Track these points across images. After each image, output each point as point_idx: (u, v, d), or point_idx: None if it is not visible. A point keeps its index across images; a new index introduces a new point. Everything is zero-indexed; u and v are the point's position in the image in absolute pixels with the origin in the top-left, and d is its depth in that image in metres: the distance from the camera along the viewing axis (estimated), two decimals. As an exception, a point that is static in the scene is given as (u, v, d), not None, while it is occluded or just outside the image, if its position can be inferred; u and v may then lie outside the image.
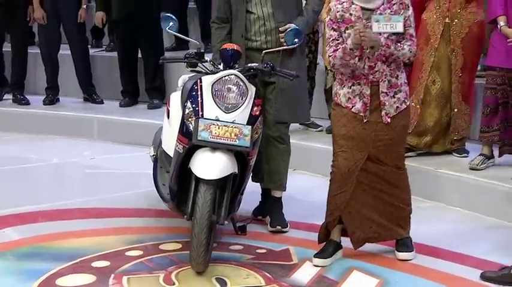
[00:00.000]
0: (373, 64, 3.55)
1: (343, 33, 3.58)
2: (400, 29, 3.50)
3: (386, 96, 3.59)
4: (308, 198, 4.90)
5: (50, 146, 6.32)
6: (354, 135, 3.62)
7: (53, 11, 6.72)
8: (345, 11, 3.59)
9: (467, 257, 3.82)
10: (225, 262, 3.78)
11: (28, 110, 6.95)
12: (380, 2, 3.55)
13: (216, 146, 3.55)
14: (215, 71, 3.80)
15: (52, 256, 3.86)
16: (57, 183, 5.37)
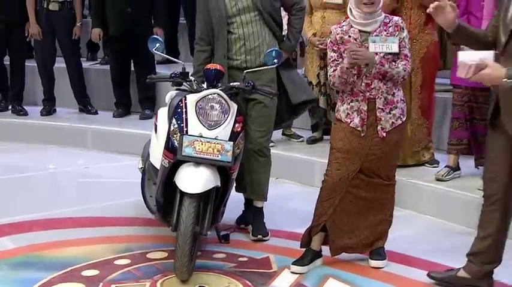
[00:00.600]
0: (370, 82, 3.56)
1: (343, 54, 3.58)
2: (396, 50, 3.53)
3: (383, 112, 3.59)
4: (289, 206, 4.88)
5: (46, 156, 6.26)
6: (350, 149, 3.62)
7: (48, 27, 6.65)
8: (344, 33, 3.60)
9: (437, 265, 3.78)
10: (209, 270, 3.74)
11: (26, 120, 6.89)
12: (377, 25, 3.57)
13: (200, 161, 3.53)
14: (199, 90, 3.76)
15: (45, 265, 3.80)
16: (52, 192, 5.30)
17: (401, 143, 3.91)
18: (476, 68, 2.88)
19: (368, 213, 3.76)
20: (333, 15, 5.21)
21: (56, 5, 6.59)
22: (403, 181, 4.66)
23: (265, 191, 4.26)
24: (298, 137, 5.78)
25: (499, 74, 2.88)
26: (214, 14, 4.07)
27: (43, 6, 6.60)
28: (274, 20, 4.17)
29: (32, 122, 6.83)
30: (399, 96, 3.64)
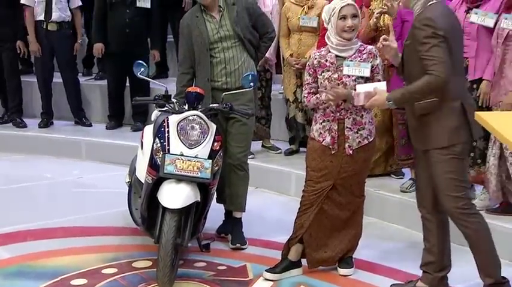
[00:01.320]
0: (340, 102, 3.57)
1: (319, 76, 3.61)
2: (367, 74, 3.54)
3: (350, 131, 3.60)
4: (266, 215, 4.85)
5: (43, 166, 6.15)
6: (323, 167, 3.63)
7: (47, 45, 6.57)
8: (322, 57, 3.62)
9: (399, 272, 3.78)
10: (189, 278, 3.72)
11: (25, 133, 6.80)
12: (352, 52, 3.58)
13: (181, 178, 3.53)
14: (180, 111, 3.74)
15: (37, 275, 3.75)
16: (46, 202, 5.21)
17: (370, 161, 3.90)
18: (367, 96, 3.18)
19: (342, 228, 3.77)
20: (308, 37, 5.18)
21: (54, 25, 6.50)
22: (371, 192, 4.64)
23: (243, 203, 4.24)
24: (277, 149, 5.75)
25: (384, 99, 3.12)
26: (196, 40, 4.04)
27: (42, 26, 6.51)
28: (252, 45, 4.15)
29: (31, 134, 6.75)
30: (367, 119, 3.64)
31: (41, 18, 6.47)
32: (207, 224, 4.16)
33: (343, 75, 3.53)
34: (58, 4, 6.44)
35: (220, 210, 4.34)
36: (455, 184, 3.19)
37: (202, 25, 4.03)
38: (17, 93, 6.91)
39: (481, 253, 3.24)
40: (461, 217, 3.21)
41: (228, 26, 4.04)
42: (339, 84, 3.54)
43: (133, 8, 6.25)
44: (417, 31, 3.09)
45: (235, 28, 4.03)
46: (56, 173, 5.91)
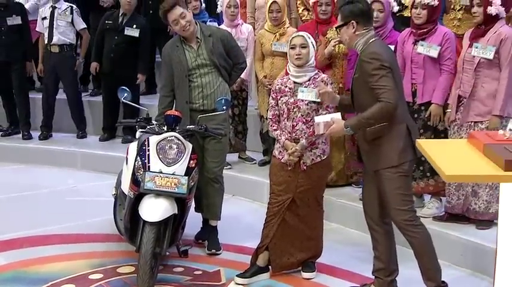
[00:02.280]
0: (295, 124, 3.60)
1: (279, 100, 3.64)
2: (317, 99, 3.55)
3: (305, 149, 3.59)
4: (241, 222, 4.81)
5: (41, 175, 6.07)
6: (282, 181, 3.66)
7: (51, 66, 6.54)
8: (283, 84, 3.65)
9: (356, 275, 3.77)
10: (168, 283, 3.68)
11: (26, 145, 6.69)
12: (306, 78, 3.61)
13: (159, 193, 3.51)
14: (160, 132, 3.72)
15: (30, 281, 3.70)
16: (43, 210, 5.08)
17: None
18: (325, 126, 3.22)
19: (303, 238, 3.76)
20: (280, 61, 5.14)
21: (56, 47, 6.46)
22: (334, 200, 4.66)
23: (218, 212, 4.21)
24: (252, 160, 5.71)
25: (341, 126, 3.17)
26: (177, 67, 4.01)
27: (47, 48, 6.50)
28: (227, 71, 4.13)
29: (31, 146, 6.65)
30: (320, 139, 3.63)
31: (46, 42, 6.47)
32: (187, 231, 4.14)
33: (297, 99, 3.56)
34: (58, 29, 6.40)
35: (198, 218, 4.31)
36: (403, 198, 3.21)
37: (182, 54, 4.00)
38: (24, 109, 6.81)
39: (424, 260, 3.24)
40: (408, 228, 3.22)
41: (205, 55, 4.01)
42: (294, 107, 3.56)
43: (121, 35, 6.18)
44: (365, 64, 3.12)
45: (211, 57, 4.00)
46: (52, 182, 5.82)
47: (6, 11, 6.51)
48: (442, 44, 4.04)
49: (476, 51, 3.81)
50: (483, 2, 3.73)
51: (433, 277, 3.24)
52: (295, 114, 3.59)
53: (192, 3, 5.57)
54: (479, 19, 3.81)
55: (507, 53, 3.75)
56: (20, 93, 6.76)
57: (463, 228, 3.98)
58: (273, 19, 5.09)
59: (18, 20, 6.53)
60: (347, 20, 3.21)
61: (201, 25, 4.12)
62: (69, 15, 6.42)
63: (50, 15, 6.39)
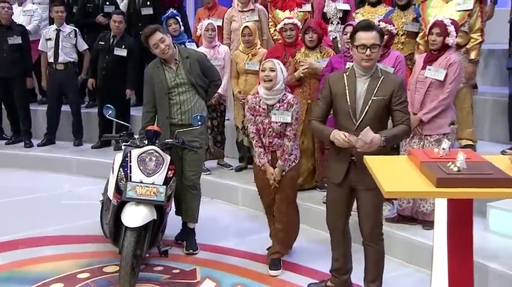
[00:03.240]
0: (272, 140, 3.62)
1: (255, 118, 3.63)
2: (288, 120, 3.57)
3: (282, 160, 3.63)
4: (217, 223, 4.77)
5: (40, 180, 5.99)
6: (263, 185, 3.73)
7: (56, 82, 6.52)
8: (256, 103, 3.63)
9: (318, 272, 3.74)
10: (148, 281, 3.63)
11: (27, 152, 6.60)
12: (275, 101, 3.59)
13: (140, 201, 3.48)
14: (141, 146, 3.69)
15: (22, 280, 3.64)
16: (39, 213, 4.98)
17: (297, 177, 3.91)
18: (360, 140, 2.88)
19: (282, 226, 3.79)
20: (253, 78, 5.13)
21: (61, 65, 6.45)
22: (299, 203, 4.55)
23: (195, 216, 4.18)
24: (229, 166, 5.68)
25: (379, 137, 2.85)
26: (158, 86, 3.98)
27: (52, 67, 6.48)
28: (203, 88, 4.10)
29: (32, 153, 6.55)
30: (293, 147, 3.67)
31: (51, 61, 6.45)
32: (168, 232, 4.11)
33: (271, 121, 3.56)
34: (63, 50, 6.42)
35: (178, 220, 4.27)
36: (379, 215, 3.19)
37: (162, 74, 3.96)
38: (25, 119, 6.74)
39: (378, 267, 3.22)
40: (378, 241, 3.20)
41: (183, 75, 3.97)
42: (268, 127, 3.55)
43: (112, 54, 6.13)
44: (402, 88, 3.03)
45: (189, 76, 3.97)
46: (50, 186, 5.75)
47: (8, 32, 6.50)
48: (394, 66, 4.06)
49: (429, 73, 3.86)
50: (443, 33, 3.80)
51: (376, 280, 3.23)
52: (271, 132, 3.60)
53: (172, 26, 5.54)
54: (437, 47, 3.86)
55: (452, 75, 3.83)
56: (22, 106, 6.69)
57: (412, 228, 3.99)
58: (245, 41, 5.08)
59: (19, 40, 6.50)
60: (382, 42, 3.02)
61: (179, 48, 4.09)
62: (74, 37, 6.48)
63: (55, 37, 6.39)
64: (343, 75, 3.11)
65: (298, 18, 5.13)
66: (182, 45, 5.59)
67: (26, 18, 7.06)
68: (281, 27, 4.82)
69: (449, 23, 3.81)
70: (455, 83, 3.87)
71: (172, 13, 5.80)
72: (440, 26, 3.81)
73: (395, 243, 3.89)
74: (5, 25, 6.45)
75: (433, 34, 3.84)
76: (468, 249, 2.41)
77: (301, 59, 4.57)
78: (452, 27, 3.79)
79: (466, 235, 2.40)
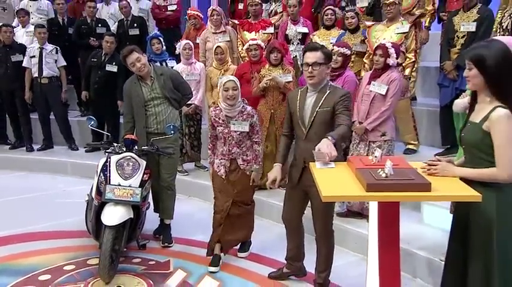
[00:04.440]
0: (231, 148, 3.53)
1: (217, 129, 3.54)
2: (247, 129, 3.51)
3: (243, 166, 3.58)
4: (192, 218, 4.68)
5: (38, 181, 5.86)
6: (222, 189, 3.60)
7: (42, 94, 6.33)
8: (217, 116, 3.54)
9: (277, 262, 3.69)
10: (126, 272, 3.56)
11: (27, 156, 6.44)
12: (236, 113, 3.52)
13: (118, 202, 3.40)
14: (119, 152, 3.62)
15: (14, 273, 3.55)
16: (35, 210, 4.87)
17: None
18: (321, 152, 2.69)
19: (241, 227, 3.71)
20: (224, 91, 5.05)
21: (46, 79, 6.28)
22: (264, 200, 4.60)
23: (171, 213, 4.12)
24: (205, 168, 5.59)
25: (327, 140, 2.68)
26: (135, 99, 3.91)
27: (37, 80, 6.28)
28: (176, 101, 4.04)
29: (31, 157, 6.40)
30: (251, 156, 3.60)
31: (36, 75, 6.28)
32: (148, 227, 4.03)
33: (231, 130, 3.48)
34: (46, 65, 6.26)
35: (157, 216, 4.19)
36: (330, 214, 3.14)
37: (139, 89, 3.90)
38: (26, 126, 6.60)
39: (327, 260, 3.19)
40: (329, 237, 3.16)
41: (158, 89, 3.91)
42: (228, 137, 3.48)
43: (104, 70, 6.02)
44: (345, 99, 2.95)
45: (163, 91, 3.91)
46: (46, 186, 5.62)
47: (11, 51, 6.38)
48: (343, 84, 4.07)
49: (374, 88, 3.87)
50: (384, 54, 3.82)
51: (326, 270, 3.21)
52: (230, 141, 3.52)
53: (155, 46, 5.46)
54: (380, 66, 3.87)
55: (392, 90, 3.85)
56: (23, 115, 6.55)
57: (359, 222, 3.98)
58: (218, 59, 5.02)
59: (21, 57, 6.36)
60: (327, 61, 2.94)
61: (154, 66, 4.03)
62: (55, 54, 6.33)
63: (38, 54, 6.24)
64: (299, 91, 3.11)
65: (262, 39, 5.11)
66: (164, 62, 5.58)
67: (29, 38, 6.89)
68: (247, 47, 4.79)
69: (390, 46, 3.83)
70: (396, 97, 3.88)
71: (155, 34, 5.78)
72: (383, 48, 3.83)
73: (345, 235, 3.87)
74: (7, 45, 6.36)
75: (377, 55, 3.86)
76: (395, 242, 2.41)
77: (266, 73, 4.53)
78: (392, 50, 3.81)
79: (394, 231, 2.39)
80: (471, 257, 2.32)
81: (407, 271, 3.52)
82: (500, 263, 2.25)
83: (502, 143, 2.19)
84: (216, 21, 5.59)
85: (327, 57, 2.96)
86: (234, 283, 3.43)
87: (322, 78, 2.97)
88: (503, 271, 2.25)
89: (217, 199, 3.65)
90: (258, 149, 3.59)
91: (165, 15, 6.68)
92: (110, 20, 7.07)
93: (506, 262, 2.26)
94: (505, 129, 2.18)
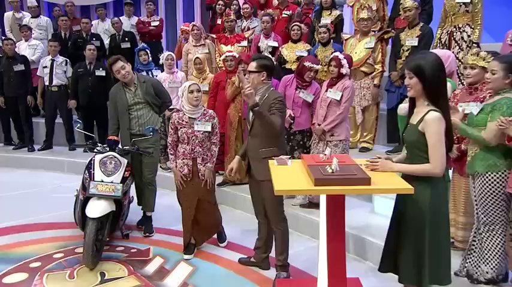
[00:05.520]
0: (193, 147, 3.39)
1: (178, 131, 3.39)
2: (209, 129, 3.39)
3: (201, 165, 3.41)
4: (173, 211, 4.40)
5: (38, 177, 5.69)
6: (187, 191, 3.43)
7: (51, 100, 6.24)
8: (180, 118, 3.40)
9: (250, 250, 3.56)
10: (109, 259, 3.45)
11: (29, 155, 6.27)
12: (199, 114, 3.39)
13: (101, 196, 3.30)
14: (103, 152, 3.52)
15: (9, 260, 3.42)
16: (33, 204, 4.72)
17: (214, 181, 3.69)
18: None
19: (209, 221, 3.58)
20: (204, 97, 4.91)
21: (55, 87, 6.20)
22: (238, 194, 4.53)
23: (152, 206, 4.03)
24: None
25: None
26: (119, 103, 3.82)
27: (48, 88, 6.21)
28: (156, 106, 3.94)
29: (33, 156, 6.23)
30: (209, 156, 3.47)
31: (47, 84, 6.20)
32: (132, 218, 3.93)
33: (194, 130, 3.37)
34: (56, 75, 6.18)
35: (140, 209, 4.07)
36: (278, 203, 3.07)
37: (123, 94, 3.81)
38: (28, 129, 6.45)
39: (283, 244, 3.13)
40: (282, 223, 3.10)
41: (140, 95, 3.82)
42: (192, 136, 3.37)
43: (93, 76, 5.90)
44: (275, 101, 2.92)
45: (145, 97, 3.83)
46: (45, 182, 5.48)
47: (13, 61, 6.24)
48: (314, 93, 4.02)
49: (330, 94, 3.83)
50: (338, 65, 3.78)
51: (284, 255, 3.15)
52: (194, 140, 3.39)
53: (142, 57, 5.37)
54: (335, 75, 3.84)
55: (346, 96, 3.81)
56: (26, 119, 6.42)
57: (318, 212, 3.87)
58: (196, 69, 4.95)
59: (22, 67, 6.24)
60: (260, 70, 2.95)
61: (138, 74, 3.94)
62: (65, 66, 6.25)
63: (50, 65, 6.17)
64: None
65: (237, 51, 5.05)
66: (150, 71, 5.47)
67: (31, 51, 6.77)
68: (223, 58, 4.72)
69: (342, 58, 3.77)
70: (348, 103, 3.84)
71: (143, 46, 5.69)
72: (336, 59, 3.78)
73: (305, 223, 3.83)
74: (10, 56, 6.24)
75: (332, 66, 3.81)
76: (341, 230, 2.36)
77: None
78: (345, 61, 3.76)
79: (340, 220, 2.34)
80: (405, 242, 2.29)
81: (359, 254, 3.50)
82: (432, 249, 2.23)
83: (434, 142, 2.18)
84: (196, 35, 5.52)
85: (259, 66, 2.95)
86: (207, 267, 3.35)
87: (255, 84, 2.96)
88: (434, 255, 2.23)
89: (182, 203, 3.47)
90: (215, 150, 3.46)
91: (147, 29, 6.66)
92: (105, 35, 6.98)
93: (437, 247, 2.24)
94: (437, 129, 2.17)
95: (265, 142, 2.94)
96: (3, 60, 6.18)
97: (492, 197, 2.60)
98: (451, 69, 3.12)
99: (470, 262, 2.79)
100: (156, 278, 3.18)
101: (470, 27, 4.31)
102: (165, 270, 3.31)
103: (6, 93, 6.21)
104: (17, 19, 7.17)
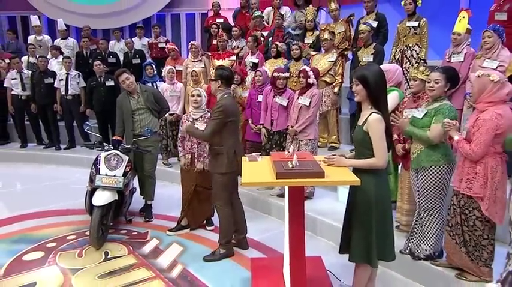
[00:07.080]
0: (191, 144, 3.37)
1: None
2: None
3: (196, 159, 3.40)
4: (172, 200, 4.41)
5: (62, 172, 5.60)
6: (187, 177, 3.42)
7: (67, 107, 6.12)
8: (187, 119, 3.38)
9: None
10: (113, 241, 3.39)
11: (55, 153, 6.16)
12: (199, 116, 3.37)
13: (105, 188, 3.23)
14: (108, 150, 3.45)
15: (29, 241, 3.37)
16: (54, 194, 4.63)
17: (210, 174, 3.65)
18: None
19: (204, 206, 3.52)
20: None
21: (70, 96, 6.08)
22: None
23: (152, 195, 3.94)
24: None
25: None
26: (125, 109, 3.75)
27: (64, 97, 6.08)
28: (156, 111, 3.86)
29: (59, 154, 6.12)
30: (206, 152, 3.41)
31: (63, 93, 6.08)
32: (136, 206, 3.84)
33: None
34: (71, 86, 6.06)
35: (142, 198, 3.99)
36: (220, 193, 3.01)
37: (127, 101, 3.74)
38: (56, 131, 6.36)
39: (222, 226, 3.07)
40: (218, 211, 3.06)
41: (142, 102, 3.75)
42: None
43: (104, 86, 5.81)
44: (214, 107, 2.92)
45: (146, 103, 3.76)
46: (67, 175, 5.39)
47: (44, 75, 6.15)
48: (288, 98, 3.95)
49: (300, 101, 3.77)
50: (305, 76, 3.73)
51: (228, 236, 3.09)
52: (192, 137, 3.37)
53: (148, 70, 5.29)
54: (303, 85, 3.78)
55: (313, 102, 3.76)
56: (53, 123, 6.34)
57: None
58: (193, 80, 4.85)
59: (51, 80, 6.17)
60: (217, 78, 2.99)
61: (140, 85, 3.87)
62: (78, 78, 6.14)
63: (65, 78, 6.08)
64: None
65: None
66: (155, 83, 5.39)
67: (59, 67, 6.64)
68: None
69: (309, 70, 3.73)
70: (316, 108, 3.77)
71: (148, 61, 5.62)
72: (303, 72, 3.75)
73: (278, 209, 3.75)
74: (42, 71, 6.16)
75: (300, 77, 3.75)
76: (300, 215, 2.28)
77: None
78: (311, 73, 3.72)
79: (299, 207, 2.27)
80: (355, 226, 2.24)
81: (324, 236, 3.43)
82: (378, 230, 2.17)
83: (376, 139, 2.13)
84: (194, 53, 5.44)
85: (216, 76, 2.99)
86: (195, 247, 3.28)
87: (213, 90, 3.01)
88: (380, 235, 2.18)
89: (183, 184, 3.50)
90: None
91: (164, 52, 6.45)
92: (120, 53, 6.90)
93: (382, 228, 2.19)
94: (378, 129, 2.13)
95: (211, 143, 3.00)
96: (36, 74, 6.13)
97: (433, 186, 2.56)
98: (399, 80, 3.06)
99: (412, 242, 2.74)
100: (151, 257, 3.13)
101: (419, 47, 4.29)
102: (159, 250, 3.24)
103: (38, 102, 6.16)
104: (37, 41, 7.16)
